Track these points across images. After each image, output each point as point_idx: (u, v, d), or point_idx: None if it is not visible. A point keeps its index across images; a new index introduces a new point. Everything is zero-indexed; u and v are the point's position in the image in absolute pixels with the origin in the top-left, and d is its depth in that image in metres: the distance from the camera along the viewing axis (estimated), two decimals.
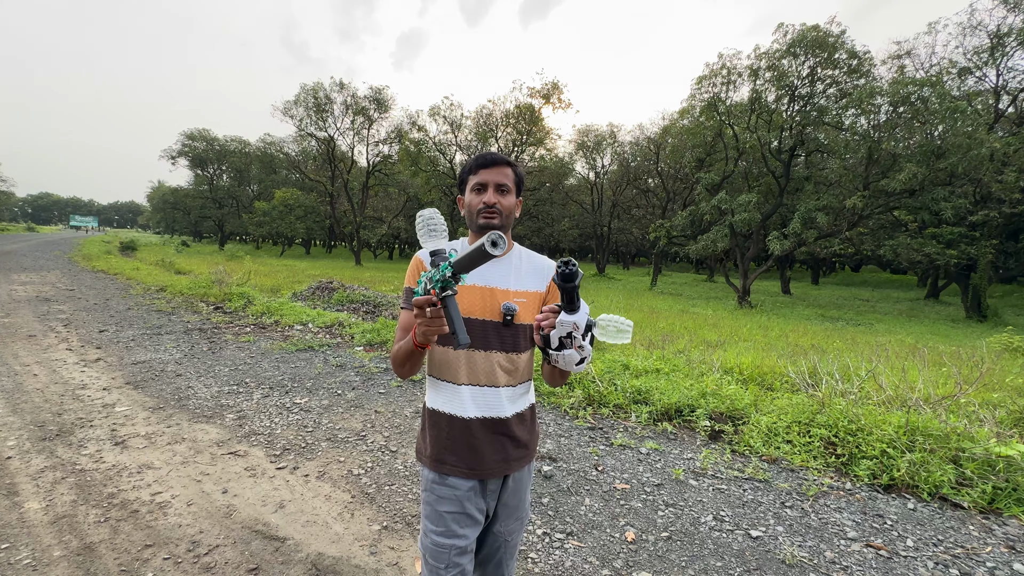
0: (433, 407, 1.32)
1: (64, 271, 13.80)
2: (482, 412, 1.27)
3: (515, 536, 1.40)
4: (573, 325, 1.04)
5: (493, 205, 1.26)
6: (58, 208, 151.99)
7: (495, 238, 0.87)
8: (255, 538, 2.32)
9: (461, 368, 1.27)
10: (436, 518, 1.26)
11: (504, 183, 1.27)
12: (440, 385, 1.31)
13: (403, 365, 1.23)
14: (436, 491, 1.28)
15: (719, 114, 16.99)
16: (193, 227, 47.59)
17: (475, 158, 1.30)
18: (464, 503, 1.27)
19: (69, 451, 3.10)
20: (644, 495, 2.87)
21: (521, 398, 1.33)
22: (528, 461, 1.37)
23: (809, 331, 10.12)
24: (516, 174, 1.31)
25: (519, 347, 1.29)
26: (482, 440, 1.27)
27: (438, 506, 1.27)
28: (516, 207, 1.34)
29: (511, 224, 1.32)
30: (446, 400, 1.29)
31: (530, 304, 1.30)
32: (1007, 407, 3.89)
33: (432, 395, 1.34)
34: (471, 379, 1.27)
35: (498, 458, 1.29)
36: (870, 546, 2.43)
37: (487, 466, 1.28)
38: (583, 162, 31.79)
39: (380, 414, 3.99)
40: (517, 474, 1.36)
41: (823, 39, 14.34)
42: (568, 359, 1.10)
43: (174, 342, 6.07)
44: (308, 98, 27.89)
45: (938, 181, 14.07)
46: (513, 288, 1.28)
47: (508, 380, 1.29)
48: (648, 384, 4.44)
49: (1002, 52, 15.33)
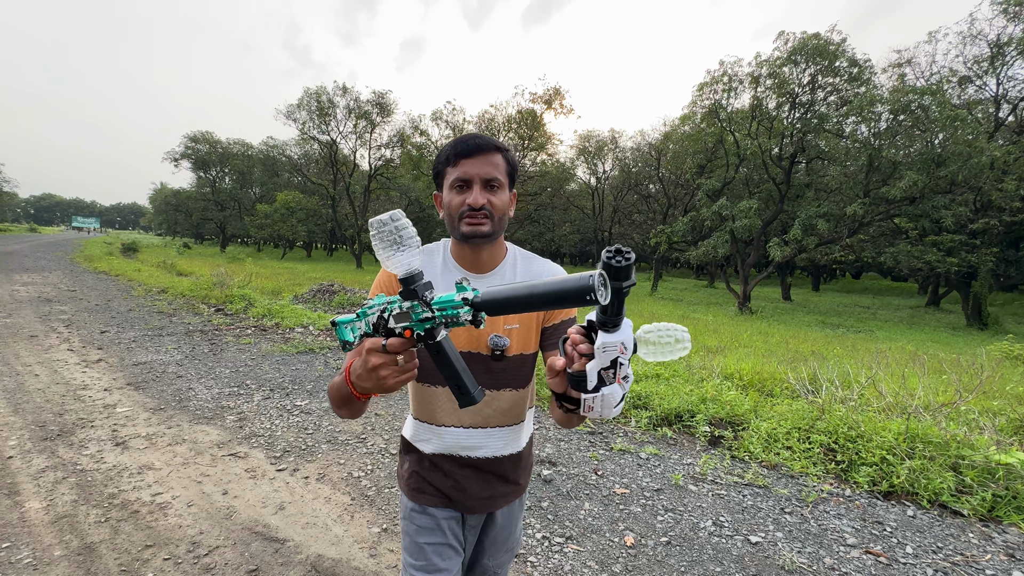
0: (412, 441, 1.16)
1: (66, 272, 13.83)
2: (468, 453, 1.11)
3: (504, 568, 1.29)
4: (620, 347, 0.69)
5: (481, 207, 0.98)
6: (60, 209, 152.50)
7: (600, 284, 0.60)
8: (255, 539, 2.32)
9: (442, 408, 1.08)
10: (416, 551, 1.12)
11: (493, 176, 0.98)
12: (421, 425, 1.14)
13: (340, 407, 0.92)
14: (415, 520, 1.14)
15: (720, 121, 17.05)
16: (195, 229, 47.66)
17: (452, 144, 1.00)
18: (445, 532, 1.13)
19: (70, 451, 3.11)
20: (643, 500, 2.87)
21: (516, 437, 1.15)
22: (518, 496, 1.21)
23: (809, 337, 10.11)
24: (507, 160, 1.03)
25: (513, 382, 1.08)
26: (466, 478, 1.12)
27: (417, 537, 1.12)
28: (511, 203, 1.05)
29: (504, 227, 1.05)
30: (427, 440, 1.13)
31: (525, 329, 1.06)
32: (1007, 415, 3.89)
33: (411, 430, 1.17)
34: (455, 421, 1.09)
35: (484, 496, 1.14)
36: (869, 553, 2.43)
37: (470, 503, 1.14)
38: (584, 167, 31.89)
39: (380, 417, 3.99)
40: (506, 509, 1.21)
41: (824, 47, 14.42)
42: (608, 402, 0.72)
43: (175, 343, 6.08)
44: (311, 102, 28.05)
45: (938, 189, 14.10)
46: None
47: (500, 420, 1.09)
48: (648, 389, 4.44)
49: (1002, 61, 15.40)
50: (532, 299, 0.65)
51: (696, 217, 17.71)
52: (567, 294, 0.61)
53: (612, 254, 0.63)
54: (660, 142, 26.21)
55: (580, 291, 0.60)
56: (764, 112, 16.31)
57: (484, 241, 1.01)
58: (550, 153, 27.13)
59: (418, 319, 0.71)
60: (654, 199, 31.34)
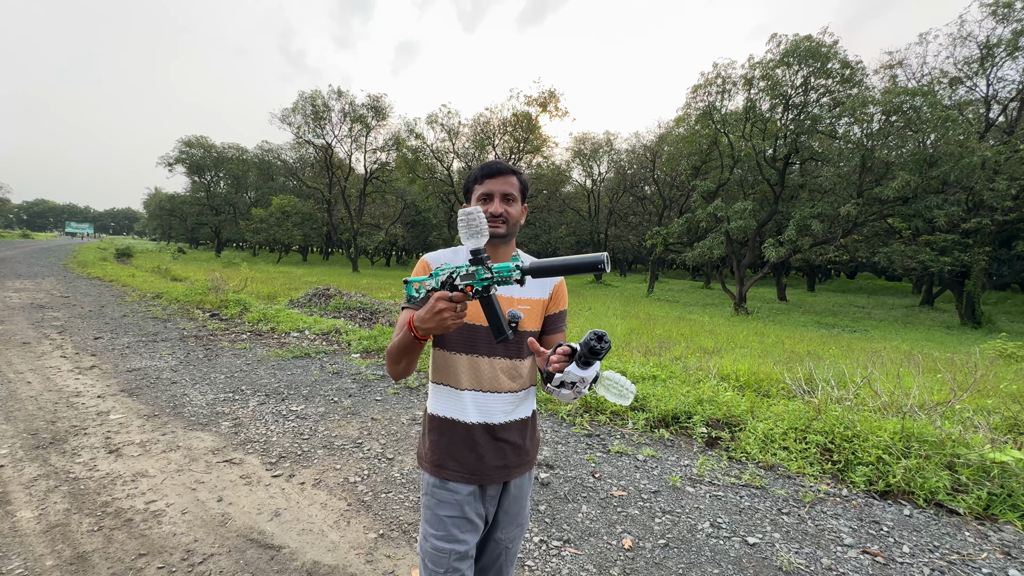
0: (434, 412, 1.34)
1: (59, 278, 13.73)
2: (484, 418, 1.29)
3: (515, 543, 1.41)
4: (580, 379, 1.03)
5: (500, 215, 1.27)
6: (54, 215, 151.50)
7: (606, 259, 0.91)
8: (250, 547, 2.30)
9: (464, 373, 1.29)
10: (436, 522, 1.27)
11: (510, 192, 1.28)
12: (442, 390, 1.32)
13: (398, 362, 1.20)
14: (436, 495, 1.29)
15: (714, 122, 17.14)
16: (190, 234, 47.44)
17: (480, 168, 1.31)
18: (464, 508, 1.28)
19: (63, 459, 3.07)
20: (641, 502, 2.87)
21: (523, 404, 1.35)
22: (529, 468, 1.39)
23: (805, 338, 10.15)
24: (521, 182, 1.33)
25: (522, 353, 1.32)
26: (483, 445, 1.29)
27: (438, 510, 1.27)
28: (522, 214, 1.36)
29: (517, 231, 1.35)
30: (448, 405, 1.31)
31: (533, 311, 1.33)
32: (1001, 413, 3.91)
33: (434, 400, 1.35)
34: (474, 384, 1.29)
35: (499, 464, 1.31)
36: (866, 552, 2.43)
37: (488, 472, 1.29)
38: (580, 170, 32.02)
39: (377, 421, 3.97)
40: (518, 480, 1.37)
41: (816, 49, 14.53)
42: (563, 397, 1.09)
43: (169, 349, 6.04)
44: (306, 106, 28.01)
45: (931, 189, 14.22)
46: (517, 295, 1.31)
47: (511, 386, 1.31)
48: (645, 391, 4.44)
49: (992, 62, 15.56)
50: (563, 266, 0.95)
51: (691, 218, 17.77)
52: (586, 264, 0.92)
53: (595, 340, 0.96)
54: (655, 144, 26.35)
55: (594, 263, 0.91)
56: (758, 114, 16.41)
57: (500, 241, 1.29)
58: (545, 155, 27.21)
59: (480, 278, 1.02)
60: (650, 201, 31.47)
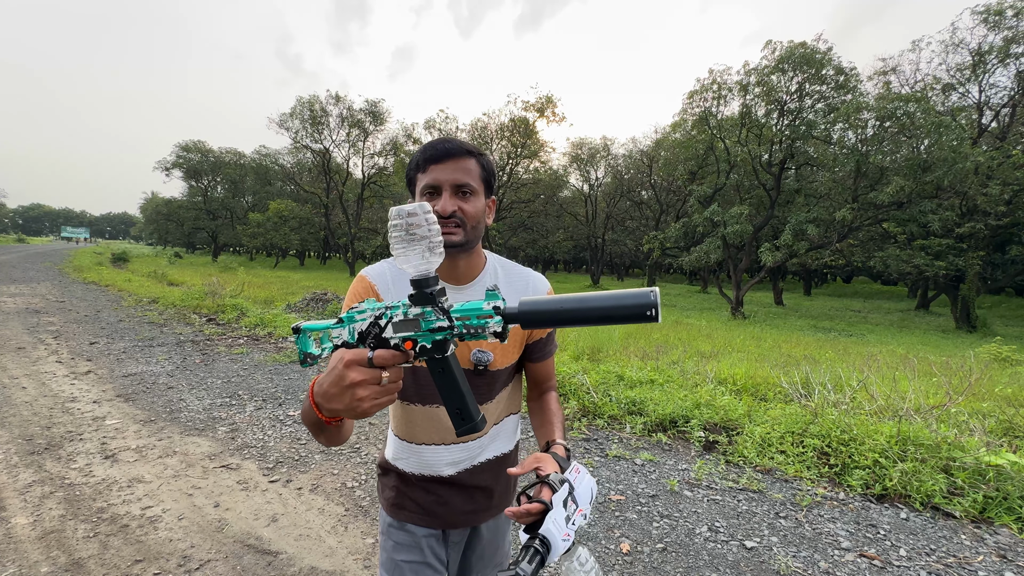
0: (391, 460, 1.12)
1: (54, 283, 13.66)
2: (448, 470, 1.07)
3: None
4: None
5: (451, 215, 0.90)
6: (49, 219, 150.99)
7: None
8: (247, 552, 2.29)
9: (420, 426, 1.05)
10: (392, 568, 1.08)
11: (465, 182, 0.92)
12: (398, 443, 1.10)
13: (316, 434, 0.78)
14: (392, 536, 1.10)
15: (710, 128, 17.27)
16: (186, 238, 47.30)
17: (422, 148, 0.95)
18: (423, 551, 1.09)
19: (58, 465, 3.06)
20: (639, 506, 2.87)
21: (497, 440, 1.12)
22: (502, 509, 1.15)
23: (802, 342, 10.19)
24: (482, 165, 0.96)
25: (492, 394, 1.06)
26: (449, 493, 1.09)
27: (395, 554, 1.09)
28: (487, 211, 0.99)
29: (480, 236, 0.98)
30: (408, 459, 1.09)
31: (509, 345, 1.05)
32: (996, 416, 3.93)
33: (391, 449, 1.13)
34: (433, 438, 1.05)
35: (466, 510, 1.10)
36: (863, 556, 2.44)
37: (452, 518, 1.10)
38: (577, 174, 32.13)
39: (374, 426, 3.97)
40: (492, 523, 1.16)
41: (810, 56, 14.68)
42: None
43: (166, 354, 6.02)
44: (304, 111, 28.07)
45: (925, 194, 14.34)
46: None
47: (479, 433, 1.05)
48: (642, 395, 4.45)
49: (983, 69, 15.76)
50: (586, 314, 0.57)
51: (688, 223, 17.86)
52: (626, 311, 0.55)
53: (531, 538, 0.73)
54: (652, 149, 26.52)
55: (641, 308, 0.54)
56: (753, 119, 16.54)
57: (457, 251, 0.94)
58: (543, 160, 27.28)
59: (428, 328, 0.61)
60: (647, 205, 31.60)
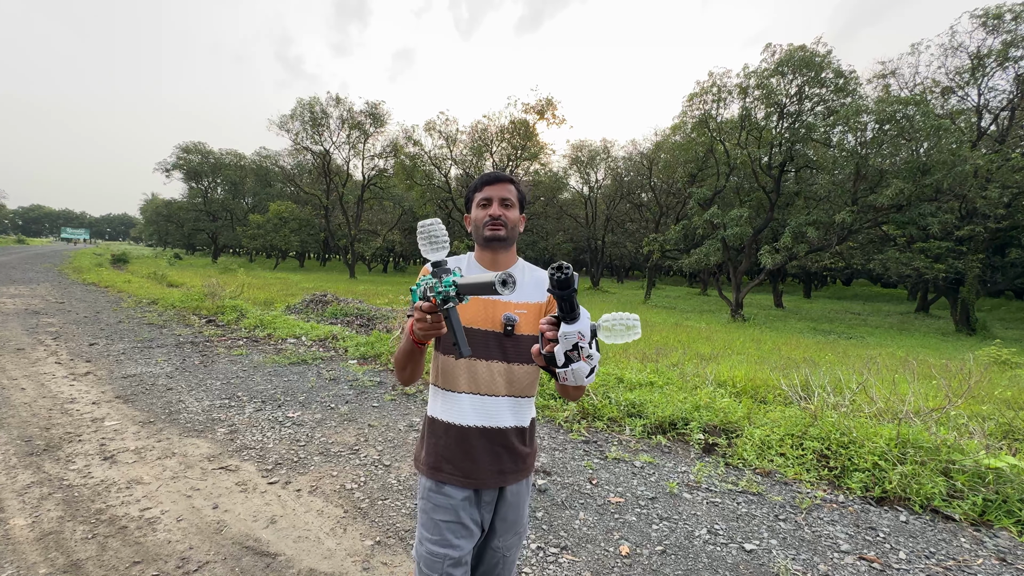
0: (433, 415, 1.35)
1: (54, 284, 13.66)
2: (481, 421, 1.29)
3: (513, 551, 1.40)
4: (578, 335, 0.94)
5: (498, 217, 1.32)
6: (49, 220, 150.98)
7: (505, 278, 0.86)
8: (246, 554, 2.29)
9: (462, 376, 1.30)
10: (431, 526, 1.28)
11: (508, 198, 1.34)
12: (441, 393, 1.33)
13: (404, 368, 1.25)
14: (432, 499, 1.30)
15: (710, 130, 17.30)
16: (186, 240, 47.27)
17: (480, 178, 1.37)
18: (459, 512, 1.28)
19: (57, 466, 3.05)
20: (638, 509, 2.86)
21: (521, 410, 1.35)
22: (525, 475, 1.37)
23: (801, 344, 10.19)
24: (519, 191, 1.38)
25: (520, 358, 1.31)
26: (479, 449, 1.29)
27: (434, 514, 1.28)
28: (520, 222, 1.39)
29: (515, 237, 1.37)
30: (446, 408, 1.32)
31: (530, 315, 1.33)
32: (996, 419, 3.93)
33: (433, 403, 1.37)
34: (471, 387, 1.30)
35: (494, 469, 1.30)
36: (863, 559, 2.43)
37: (483, 476, 1.29)
38: (577, 176, 32.12)
39: (373, 428, 3.96)
40: (515, 487, 1.36)
41: (810, 59, 14.71)
42: (578, 373, 0.97)
43: (165, 355, 6.02)
44: (304, 112, 28.09)
45: (924, 196, 14.35)
46: (514, 300, 1.32)
47: (508, 390, 1.31)
48: (642, 397, 4.45)
49: (982, 72, 15.78)
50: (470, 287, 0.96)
51: (688, 225, 17.88)
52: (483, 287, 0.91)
53: (555, 270, 0.87)
54: (651, 151, 26.53)
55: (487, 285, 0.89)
56: (753, 122, 16.57)
57: (500, 245, 1.34)
58: (543, 163, 27.29)
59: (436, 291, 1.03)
60: (646, 207, 31.61)
